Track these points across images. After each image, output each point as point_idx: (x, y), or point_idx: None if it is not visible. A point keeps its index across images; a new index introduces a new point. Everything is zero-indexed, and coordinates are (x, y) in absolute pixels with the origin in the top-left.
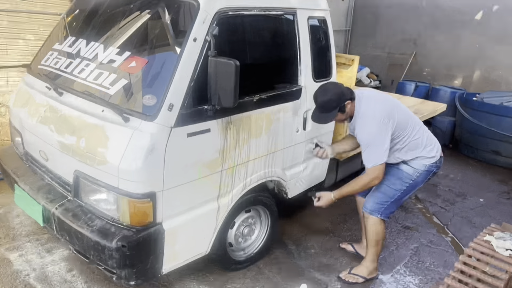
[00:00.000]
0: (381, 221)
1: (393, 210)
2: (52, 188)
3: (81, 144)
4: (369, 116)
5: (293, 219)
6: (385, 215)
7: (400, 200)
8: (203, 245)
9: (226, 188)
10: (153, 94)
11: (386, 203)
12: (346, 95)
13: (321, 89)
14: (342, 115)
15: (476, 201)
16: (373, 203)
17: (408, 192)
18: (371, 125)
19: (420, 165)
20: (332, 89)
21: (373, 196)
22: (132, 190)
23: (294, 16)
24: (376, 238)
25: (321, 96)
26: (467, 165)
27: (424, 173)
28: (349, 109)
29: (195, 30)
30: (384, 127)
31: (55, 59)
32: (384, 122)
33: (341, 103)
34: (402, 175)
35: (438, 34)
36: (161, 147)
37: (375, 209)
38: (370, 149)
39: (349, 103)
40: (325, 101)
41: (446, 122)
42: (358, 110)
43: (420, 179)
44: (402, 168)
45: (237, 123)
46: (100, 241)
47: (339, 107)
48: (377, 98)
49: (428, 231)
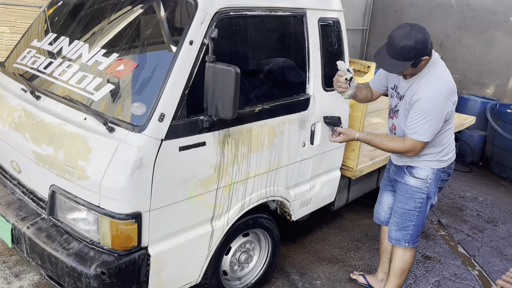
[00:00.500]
0: (410, 249)
1: (420, 233)
2: (24, 204)
3: (59, 156)
4: (441, 85)
5: (298, 244)
6: (413, 242)
7: (422, 220)
8: (193, 273)
9: (221, 208)
10: (142, 102)
11: (409, 227)
12: (429, 48)
13: (406, 29)
14: (408, 70)
15: (508, 229)
16: (395, 231)
17: (424, 208)
18: (440, 96)
19: (427, 172)
20: (419, 34)
21: (394, 223)
22: (115, 210)
23: (303, 17)
24: (403, 266)
25: (404, 39)
26: (498, 186)
27: (433, 181)
28: (421, 66)
29: (191, 32)
30: (448, 105)
31: (33, 58)
32: (450, 100)
33: (421, 56)
34: (411, 191)
35: (467, 36)
36: (149, 162)
37: (400, 237)
38: (424, 120)
39: (426, 59)
40: (407, 47)
41: (475, 137)
42: (428, 71)
43: (432, 190)
44: (410, 182)
45: (236, 136)
46: (76, 267)
47: (415, 60)
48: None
49: (452, 262)
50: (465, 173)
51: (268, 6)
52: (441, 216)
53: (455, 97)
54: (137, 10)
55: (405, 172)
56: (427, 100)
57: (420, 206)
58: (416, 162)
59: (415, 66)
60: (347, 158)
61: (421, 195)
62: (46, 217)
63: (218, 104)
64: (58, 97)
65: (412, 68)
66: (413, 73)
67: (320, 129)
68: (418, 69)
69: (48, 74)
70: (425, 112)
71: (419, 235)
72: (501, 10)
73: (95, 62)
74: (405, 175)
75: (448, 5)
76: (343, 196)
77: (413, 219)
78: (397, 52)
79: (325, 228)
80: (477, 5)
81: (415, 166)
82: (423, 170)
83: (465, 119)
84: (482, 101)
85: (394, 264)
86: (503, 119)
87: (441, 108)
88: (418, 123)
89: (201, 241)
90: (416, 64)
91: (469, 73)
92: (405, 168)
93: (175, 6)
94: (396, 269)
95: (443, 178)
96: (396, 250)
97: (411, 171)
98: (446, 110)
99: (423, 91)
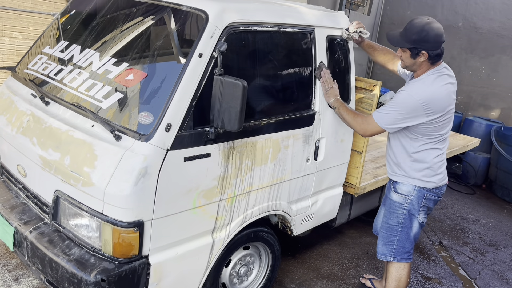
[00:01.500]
0: (403, 266)
1: (408, 249)
2: (28, 208)
3: (65, 162)
4: (423, 90)
5: (298, 259)
6: (398, 257)
7: (407, 236)
8: (192, 284)
9: (223, 220)
10: (150, 111)
11: (393, 243)
12: (432, 50)
13: (425, 18)
14: (407, 59)
15: (510, 253)
16: (381, 245)
17: (408, 224)
18: (415, 98)
19: (409, 188)
20: (431, 29)
21: (380, 237)
22: (118, 217)
23: (311, 34)
24: (396, 285)
25: (416, 21)
26: (501, 209)
27: (415, 198)
28: (418, 62)
29: (201, 45)
30: (418, 109)
31: (44, 64)
32: (424, 107)
33: (421, 47)
34: (394, 206)
35: (473, 59)
36: (154, 171)
37: (386, 252)
38: (391, 108)
39: (425, 57)
40: (413, 28)
41: (479, 159)
42: (424, 78)
43: (414, 207)
44: (393, 198)
45: (241, 148)
46: (76, 273)
47: (416, 47)
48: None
49: (452, 284)
50: (468, 195)
51: (277, 22)
52: (443, 238)
53: (434, 108)
54: (148, 21)
55: (390, 187)
56: (403, 94)
57: (403, 222)
58: (399, 177)
59: (413, 57)
60: (350, 175)
61: (402, 211)
62: (49, 222)
63: (224, 117)
64: (67, 103)
65: (411, 58)
66: (413, 70)
67: (324, 145)
68: (417, 66)
69: (58, 81)
70: (396, 103)
71: (408, 252)
72: (508, 34)
73: (105, 71)
74: (391, 190)
75: (455, 27)
76: (345, 213)
77: (396, 235)
78: (405, 28)
79: (326, 244)
80: (484, 28)
81: (399, 182)
82: (405, 186)
83: (470, 141)
84: (487, 123)
85: (388, 283)
86: (508, 143)
87: (410, 107)
88: (385, 108)
89: (201, 252)
90: (414, 55)
91: (475, 95)
92: (391, 184)
93: (186, 19)
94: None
95: (429, 197)
96: (390, 269)
97: (395, 186)
98: (415, 114)
99: (407, 87)
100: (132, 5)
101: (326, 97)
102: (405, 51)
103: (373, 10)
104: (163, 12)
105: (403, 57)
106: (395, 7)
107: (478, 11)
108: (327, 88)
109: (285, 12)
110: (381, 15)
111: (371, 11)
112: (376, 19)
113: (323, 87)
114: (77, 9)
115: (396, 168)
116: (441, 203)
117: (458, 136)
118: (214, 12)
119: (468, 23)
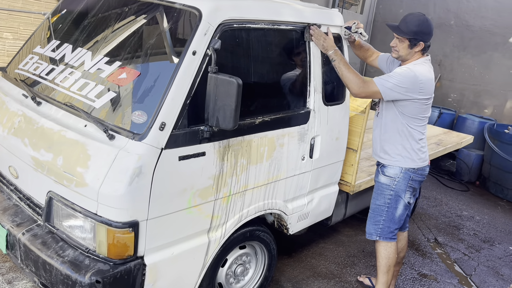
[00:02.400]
0: (390, 244)
1: (392, 229)
2: (20, 210)
3: (58, 162)
4: (421, 72)
5: (294, 258)
6: (384, 236)
7: (392, 216)
8: (188, 284)
9: (219, 220)
10: (143, 110)
11: (379, 222)
12: (428, 42)
13: (421, 13)
14: (404, 49)
15: (505, 249)
16: (369, 225)
17: (394, 205)
18: (416, 75)
19: (396, 170)
20: (429, 23)
21: (368, 218)
22: (113, 218)
23: (306, 32)
24: (387, 262)
25: (416, 15)
26: (495, 206)
27: (402, 179)
28: (413, 52)
29: (195, 42)
30: (416, 84)
31: (35, 64)
32: (420, 85)
33: (420, 38)
34: (382, 187)
35: (466, 57)
36: (148, 170)
37: (372, 231)
38: (393, 78)
39: (420, 47)
40: (415, 20)
41: (472, 156)
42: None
43: (401, 188)
44: (381, 180)
45: (236, 147)
46: (71, 275)
47: (416, 38)
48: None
49: (448, 281)
50: (462, 192)
51: (272, 20)
52: (438, 234)
53: (426, 89)
54: (140, 19)
55: (379, 171)
56: (406, 70)
57: (389, 202)
58: (387, 160)
59: (410, 47)
60: (346, 173)
61: (389, 192)
62: (42, 224)
63: (219, 115)
64: (59, 103)
65: (408, 48)
66: (405, 59)
67: (319, 143)
68: (410, 56)
69: (50, 81)
70: (398, 75)
71: (392, 232)
72: (500, 32)
73: (97, 70)
74: (379, 174)
75: (447, 25)
76: (341, 211)
77: (383, 214)
78: (406, 21)
79: (322, 243)
80: (476, 26)
81: (387, 165)
82: (392, 169)
83: (463, 138)
84: (480, 120)
85: (379, 261)
86: (501, 139)
87: (410, 82)
88: (388, 77)
89: (197, 252)
90: (412, 45)
91: (467, 93)
92: (379, 168)
93: (179, 16)
94: (382, 266)
95: (414, 178)
96: (379, 248)
97: (383, 169)
98: (412, 89)
99: (411, 65)
100: (124, 4)
101: (324, 50)
102: (403, 41)
103: (365, 9)
104: (155, 10)
105: (398, 47)
106: (388, 5)
107: (470, 9)
108: (321, 41)
109: (279, 9)
110: (374, 14)
111: (364, 9)
112: (369, 18)
113: (318, 43)
114: (68, 8)
115: (383, 152)
116: (435, 200)
117: (452, 134)
118: (207, 10)
119: (460, 21)
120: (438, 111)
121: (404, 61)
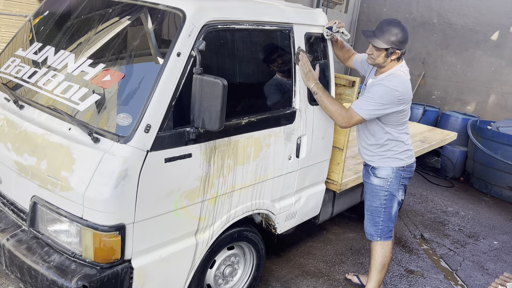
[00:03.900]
0: (387, 243)
1: (391, 228)
2: (4, 216)
3: (42, 166)
4: (400, 85)
5: (283, 257)
6: (384, 236)
7: (390, 215)
8: (177, 286)
9: (206, 221)
10: (128, 112)
11: (378, 223)
12: (404, 49)
13: (396, 21)
14: (381, 57)
15: (489, 243)
16: (369, 227)
17: (390, 204)
18: (395, 90)
19: (388, 171)
20: (405, 31)
21: (367, 220)
22: (99, 222)
23: (290, 32)
24: (382, 261)
25: (393, 24)
26: (479, 201)
27: (394, 179)
28: (390, 61)
29: (179, 44)
30: (394, 100)
31: (17, 67)
32: (400, 99)
33: (397, 47)
34: (376, 189)
35: (449, 54)
36: (134, 173)
37: (373, 233)
38: (373, 101)
39: (396, 55)
40: (392, 30)
41: (456, 153)
42: (393, 72)
43: (394, 187)
44: (374, 182)
45: (222, 148)
46: (57, 280)
47: (391, 47)
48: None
49: (434, 276)
50: (447, 188)
51: (256, 20)
52: (424, 231)
53: (405, 99)
54: (124, 21)
55: (370, 173)
56: (385, 88)
57: (385, 203)
58: (377, 163)
59: (387, 56)
60: (332, 171)
61: (384, 193)
62: (27, 229)
63: (205, 116)
64: (42, 106)
65: (385, 57)
66: (381, 66)
67: (305, 142)
68: (387, 64)
69: (33, 84)
70: (378, 96)
71: (391, 231)
72: (481, 30)
73: (81, 72)
74: (370, 176)
75: (430, 23)
76: (328, 210)
77: (380, 215)
78: (382, 31)
79: (310, 241)
80: (458, 24)
81: (378, 167)
82: (383, 170)
83: (447, 135)
84: (463, 117)
85: (374, 259)
86: (484, 136)
87: (391, 101)
88: (366, 100)
89: (185, 254)
90: (389, 54)
91: (451, 90)
92: (370, 170)
93: (162, 18)
94: (376, 264)
95: (405, 176)
96: (375, 247)
97: (374, 171)
98: (391, 104)
99: (386, 81)
100: (108, 5)
101: (305, 81)
102: (380, 50)
103: (350, 8)
104: (139, 11)
105: (375, 55)
106: (372, 4)
107: (452, 7)
108: (305, 72)
109: (263, 10)
110: (358, 13)
111: (348, 9)
112: (353, 17)
113: (301, 72)
114: (51, 10)
115: (371, 156)
116: (421, 197)
117: (436, 131)
118: (191, 11)
119: (442, 19)
120: (423, 109)
121: (380, 68)
